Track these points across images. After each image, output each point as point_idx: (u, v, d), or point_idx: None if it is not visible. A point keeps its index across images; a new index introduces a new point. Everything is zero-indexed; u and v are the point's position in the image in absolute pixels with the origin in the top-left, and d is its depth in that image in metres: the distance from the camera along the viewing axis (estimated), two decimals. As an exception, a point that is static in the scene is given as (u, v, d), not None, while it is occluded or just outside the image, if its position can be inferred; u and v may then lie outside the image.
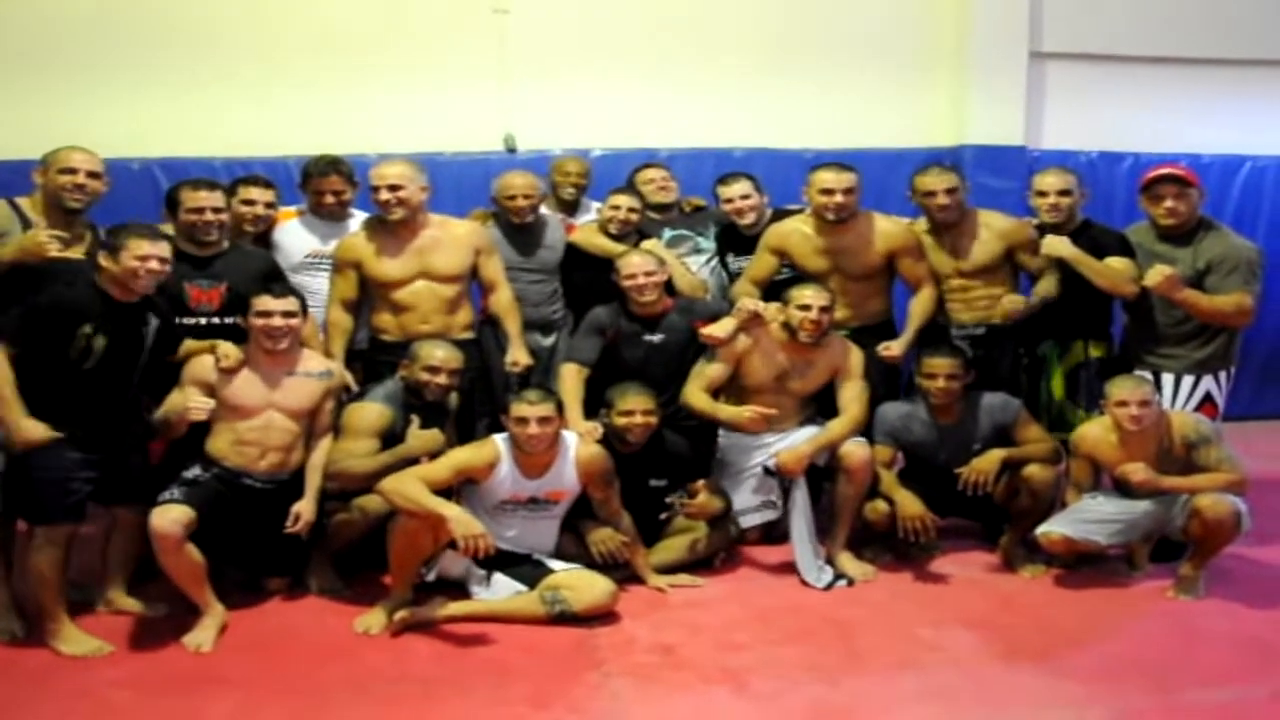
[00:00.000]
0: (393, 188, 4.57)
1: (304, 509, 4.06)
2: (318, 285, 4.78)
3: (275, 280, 4.40)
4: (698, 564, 4.50)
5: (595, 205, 5.56)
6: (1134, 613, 4.09)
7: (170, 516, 3.75)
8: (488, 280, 4.87)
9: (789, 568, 4.51)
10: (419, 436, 4.23)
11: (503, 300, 4.88)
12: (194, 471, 3.98)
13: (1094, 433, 4.38)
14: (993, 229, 4.80)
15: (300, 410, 4.14)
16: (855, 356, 4.65)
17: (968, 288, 4.84)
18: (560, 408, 4.25)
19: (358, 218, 4.99)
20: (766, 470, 4.58)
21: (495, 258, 4.88)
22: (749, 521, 4.68)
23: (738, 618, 4.06)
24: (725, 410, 4.54)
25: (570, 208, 5.59)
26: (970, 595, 4.29)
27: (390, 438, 4.23)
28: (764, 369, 4.62)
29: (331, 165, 4.96)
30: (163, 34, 6.48)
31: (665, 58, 6.92)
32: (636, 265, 4.72)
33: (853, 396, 4.59)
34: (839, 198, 4.68)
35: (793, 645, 3.82)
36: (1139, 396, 4.13)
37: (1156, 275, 4.36)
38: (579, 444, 4.26)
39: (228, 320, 4.27)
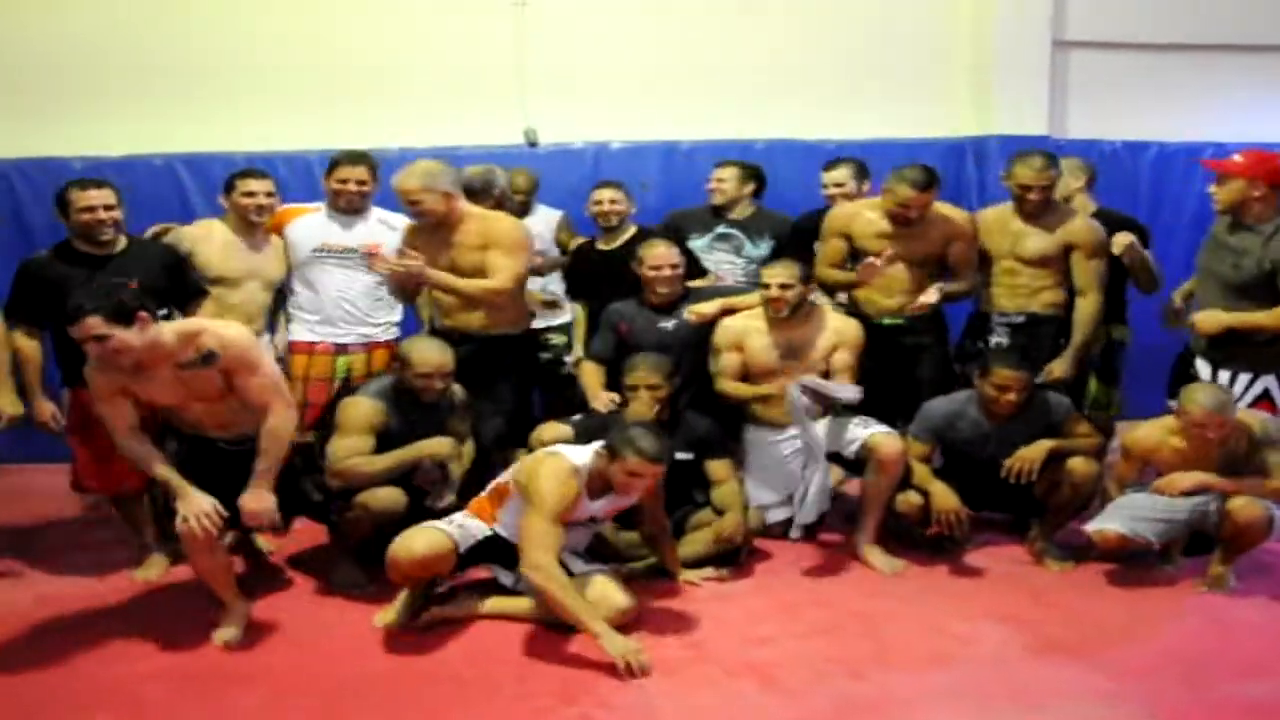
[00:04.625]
0: (412, 202, 4.61)
1: (247, 501, 3.73)
2: (325, 278, 4.87)
3: (178, 271, 4.45)
4: (723, 557, 4.48)
5: (543, 208, 5.88)
6: (1166, 607, 4.06)
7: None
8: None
9: (815, 561, 4.51)
10: (431, 442, 4.25)
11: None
12: (172, 447, 3.90)
13: (1153, 437, 4.31)
14: (1066, 226, 4.78)
15: (211, 396, 3.77)
16: (851, 332, 4.68)
17: (1016, 273, 4.82)
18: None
19: (375, 214, 5.08)
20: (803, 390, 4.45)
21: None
22: (775, 517, 4.67)
23: (764, 611, 4.05)
24: (760, 389, 4.60)
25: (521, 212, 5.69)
26: (1000, 589, 4.27)
27: (384, 434, 4.21)
28: (763, 351, 4.66)
29: (362, 155, 5.07)
30: (186, 32, 6.49)
31: (685, 49, 6.88)
32: (662, 257, 4.79)
33: (844, 367, 4.63)
34: (911, 213, 4.69)
35: (820, 639, 3.80)
36: (1218, 420, 4.03)
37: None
38: None
39: None
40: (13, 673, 3.56)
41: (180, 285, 4.46)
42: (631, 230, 5.39)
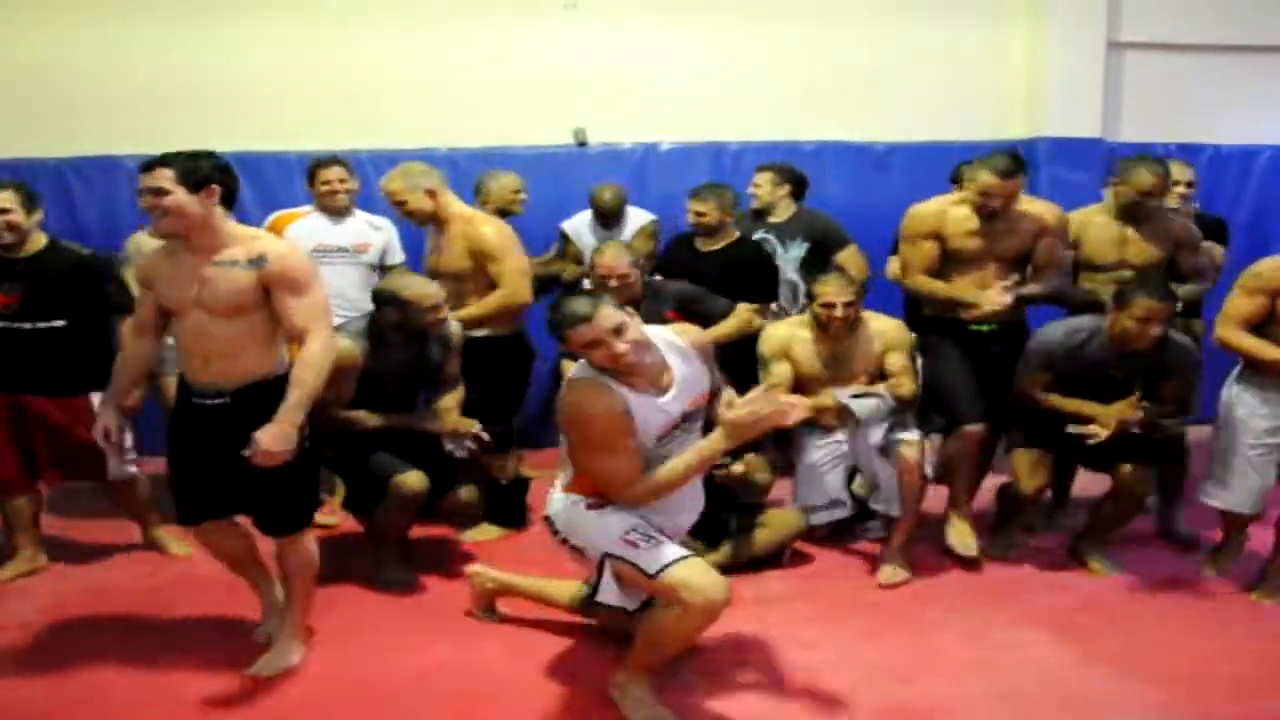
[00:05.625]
0: (398, 203, 4.73)
1: (262, 436, 3.25)
2: (326, 276, 4.88)
3: (87, 278, 4.34)
4: (766, 560, 4.47)
5: (635, 212, 6.00)
6: (1215, 616, 4.01)
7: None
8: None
9: (860, 565, 4.49)
10: (445, 412, 4.34)
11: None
12: None
13: None
14: (1171, 229, 4.68)
15: (225, 307, 3.35)
16: (895, 334, 4.60)
17: (1123, 280, 4.57)
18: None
19: (360, 215, 5.42)
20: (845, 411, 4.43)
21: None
22: (819, 519, 4.64)
23: (807, 615, 4.03)
24: (815, 402, 4.45)
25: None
26: (1046, 595, 4.22)
27: (365, 374, 4.20)
28: (810, 360, 4.59)
29: (334, 159, 5.42)
30: (238, 38, 6.56)
31: (735, 51, 6.87)
32: (608, 266, 4.71)
33: (898, 368, 4.52)
34: (995, 203, 4.39)
35: (864, 644, 3.78)
36: None
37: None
38: (676, 333, 3.35)
39: (26, 325, 4.25)
40: (60, 668, 3.60)
41: (90, 296, 4.34)
42: (734, 235, 5.33)
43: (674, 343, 3.27)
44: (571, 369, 3.27)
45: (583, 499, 3.24)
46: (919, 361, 4.69)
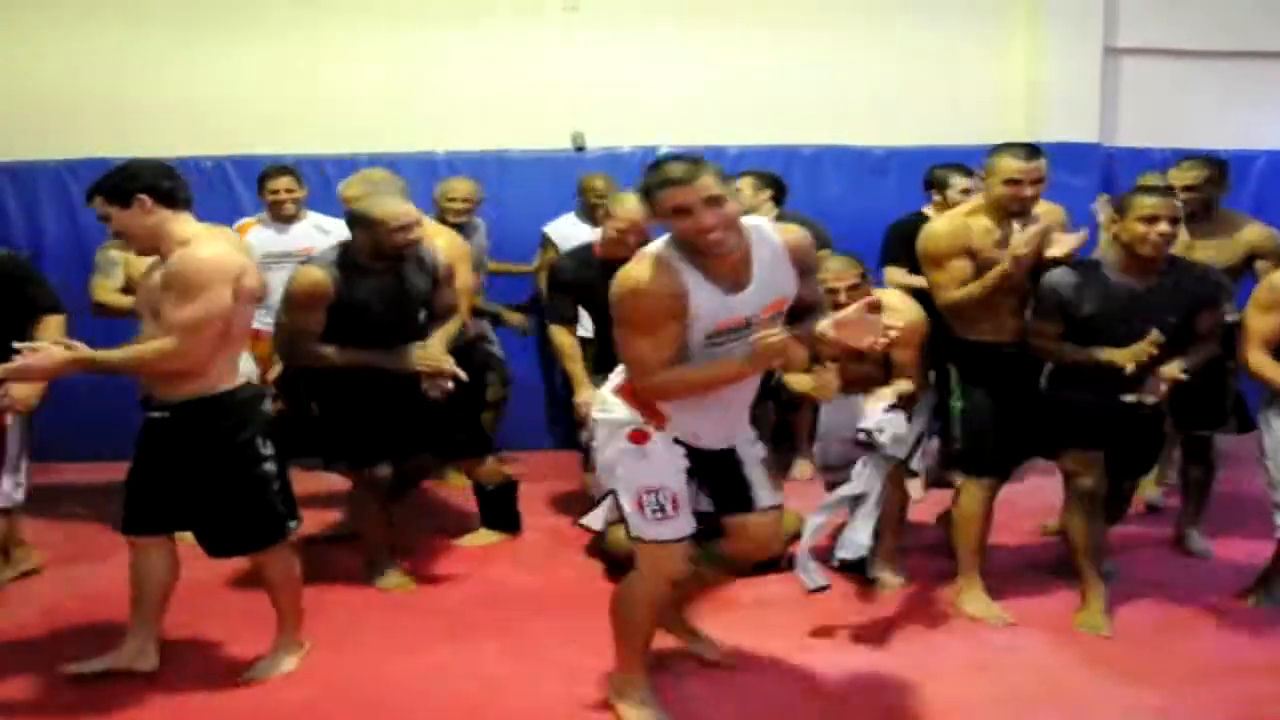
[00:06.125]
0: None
1: (32, 352, 3.17)
2: (274, 281, 4.90)
3: (5, 282, 4.20)
4: (764, 564, 4.44)
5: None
6: (1214, 619, 4.01)
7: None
8: None
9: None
10: (425, 352, 4.22)
11: None
12: None
13: None
14: (1242, 233, 4.53)
15: (150, 309, 3.31)
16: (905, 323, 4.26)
17: None
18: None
19: (311, 219, 5.65)
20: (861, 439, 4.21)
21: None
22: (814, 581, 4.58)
23: (807, 617, 4.02)
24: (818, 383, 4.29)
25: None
26: (1045, 597, 4.22)
27: (335, 305, 4.09)
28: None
29: (283, 169, 5.65)
30: (239, 42, 6.60)
31: (734, 55, 6.88)
32: (629, 217, 4.40)
33: (905, 363, 4.27)
34: (1027, 190, 3.95)
35: (864, 647, 3.79)
36: None
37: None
38: (776, 229, 3.14)
39: None
40: (58, 672, 3.58)
41: (10, 300, 4.18)
42: None
43: (769, 238, 3.04)
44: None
45: (627, 423, 3.09)
46: (954, 399, 4.28)
